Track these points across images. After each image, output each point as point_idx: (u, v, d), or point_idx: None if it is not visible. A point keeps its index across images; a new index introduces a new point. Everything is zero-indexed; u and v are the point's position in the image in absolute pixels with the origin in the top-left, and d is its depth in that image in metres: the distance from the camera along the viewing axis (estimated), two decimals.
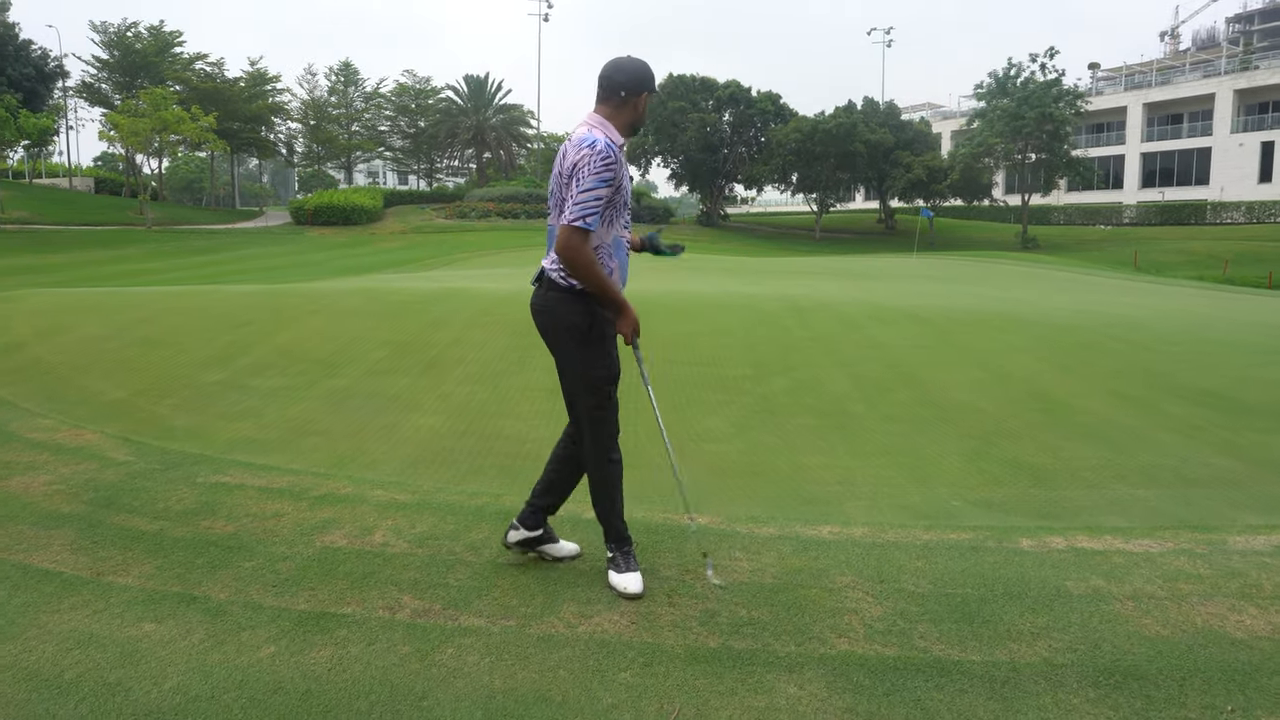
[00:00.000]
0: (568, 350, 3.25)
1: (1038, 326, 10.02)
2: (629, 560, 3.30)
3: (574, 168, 3.05)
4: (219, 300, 9.71)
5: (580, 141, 3.08)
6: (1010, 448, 5.40)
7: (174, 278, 27.77)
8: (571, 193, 3.04)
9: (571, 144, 3.12)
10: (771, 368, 7.41)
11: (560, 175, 3.13)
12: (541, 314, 3.26)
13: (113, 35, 58.43)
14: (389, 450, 5.18)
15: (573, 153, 3.07)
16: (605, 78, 3.23)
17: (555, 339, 3.26)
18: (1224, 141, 62.72)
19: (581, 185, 3.01)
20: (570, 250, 3.04)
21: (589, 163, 3.02)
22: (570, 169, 3.06)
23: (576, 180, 3.03)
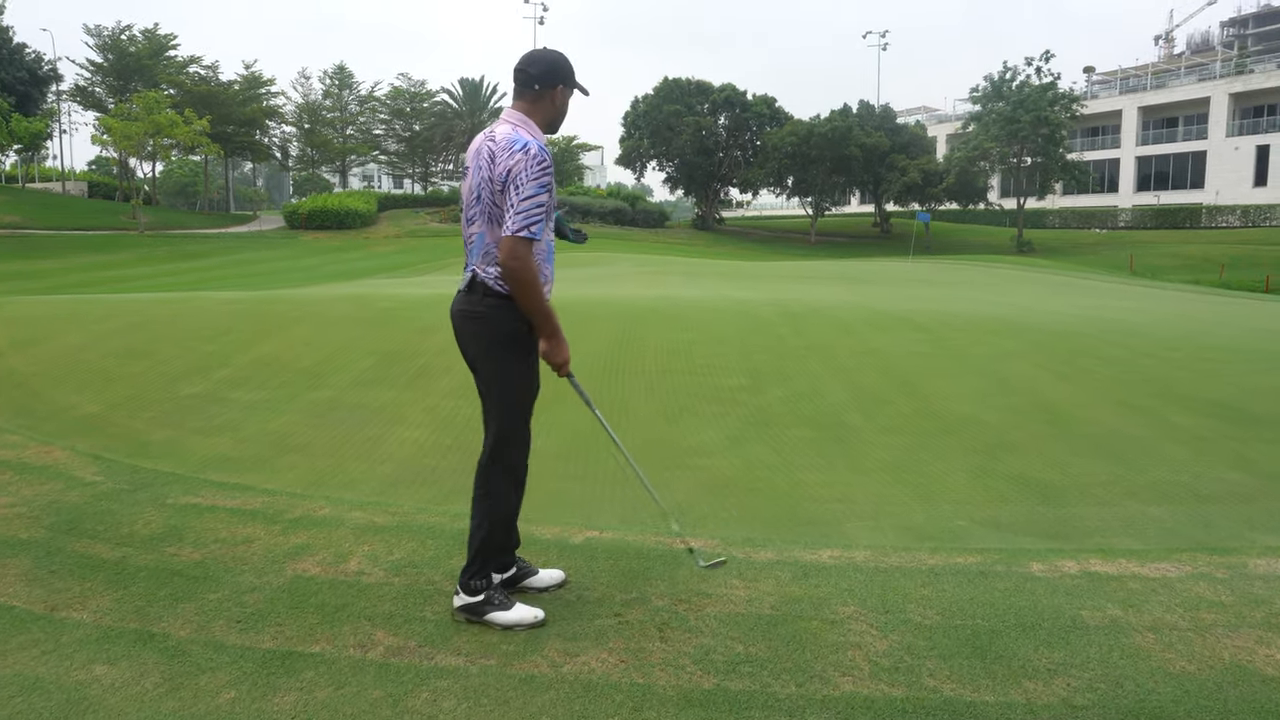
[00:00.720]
0: (499, 362, 3.05)
1: (1036, 332, 9.84)
2: (505, 595, 3.09)
3: (508, 174, 2.87)
4: (203, 308, 9.50)
5: (511, 144, 2.90)
6: (1016, 462, 5.21)
7: (164, 283, 27.54)
8: (511, 201, 2.85)
9: (499, 146, 2.92)
10: (767, 377, 7.22)
11: (490, 181, 2.92)
12: (471, 320, 3.04)
13: (107, 39, 58.18)
14: (370, 467, 4.98)
15: (504, 157, 2.89)
16: (520, 71, 3.05)
17: (485, 349, 3.05)
18: (1219, 145, 62.74)
19: (521, 194, 2.84)
20: (517, 261, 2.83)
21: (525, 168, 2.85)
22: (504, 175, 2.88)
23: (515, 188, 2.85)
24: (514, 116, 3.01)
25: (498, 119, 3.08)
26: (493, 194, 2.91)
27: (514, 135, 2.92)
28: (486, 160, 2.93)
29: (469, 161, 3.04)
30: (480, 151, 2.97)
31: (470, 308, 3.03)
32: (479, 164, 2.97)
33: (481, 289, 2.98)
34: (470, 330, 3.06)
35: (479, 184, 2.96)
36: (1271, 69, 63.34)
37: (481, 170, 2.95)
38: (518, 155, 2.85)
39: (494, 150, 2.92)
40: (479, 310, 3.00)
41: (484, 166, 2.94)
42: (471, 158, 3.02)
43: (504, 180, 2.87)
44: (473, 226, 3.03)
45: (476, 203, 2.98)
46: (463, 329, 3.09)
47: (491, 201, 2.92)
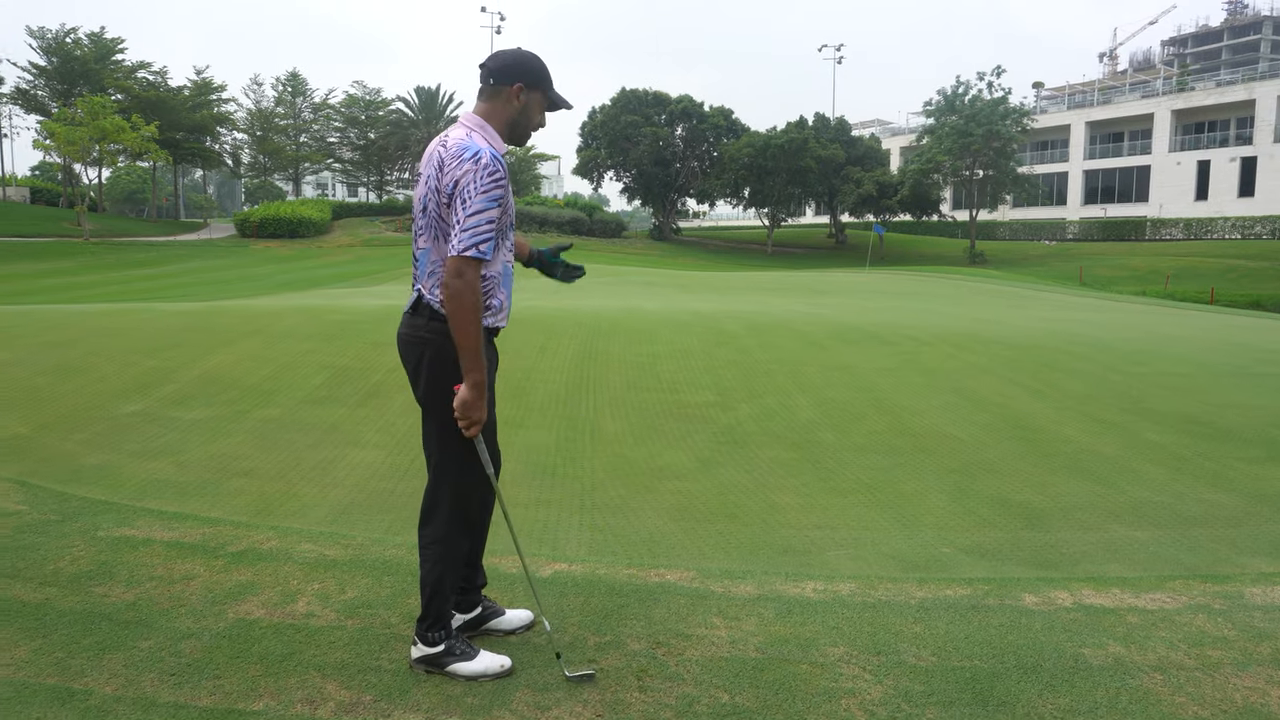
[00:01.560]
0: (440, 388, 2.70)
1: (1002, 346, 9.79)
2: (468, 644, 2.80)
3: (455, 185, 2.57)
4: (146, 320, 9.08)
5: (460, 151, 2.59)
6: (994, 483, 5.07)
7: (111, 292, 26.72)
8: (458, 217, 2.54)
9: (448, 152, 2.62)
10: (736, 394, 7.03)
11: (437, 191, 2.63)
12: (416, 345, 2.72)
13: (50, 41, 56.64)
14: (321, 493, 4.69)
15: (453, 165, 2.59)
16: (480, 66, 2.77)
17: (433, 375, 2.71)
18: (1162, 160, 64.25)
19: (469, 208, 2.53)
20: (461, 282, 2.52)
21: (474, 179, 2.54)
22: (450, 186, 2.58)
23: (461, 201, 2.55)
24: (470, 120, 2.73)
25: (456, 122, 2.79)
26: (439, 206, 2.63)
27: (466, 142, 2.62)
28: (435, 168, 2.65)
29: (422, 168, 2.76)
30: (431, 158, 2.68)
31: (414, 331, 2.73)
32: (431, 169, 2.67)
33: (427, 312, 2.69)
34: (414, 355, 2.74)
35: (425, 194, 2.68)
36: (1211, 87, 65.06)
37: (429, 180, 2.66)
38: (466, 165, 2.56)
39: (444, 157, 2.63)
40: (423, 335, 2.70)
41: (432, 175, 2.65)
42: (424, 164, 2.73)
43: (450, 192, 2.58)
44: (419, 241, 2.75)
45: (423, 214, 2.70)
46: (407, 354, 2.78)
47: (438, 215, 2.64)
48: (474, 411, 2.61)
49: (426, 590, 2.79)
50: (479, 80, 2.78)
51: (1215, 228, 56.74)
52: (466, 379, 2.59)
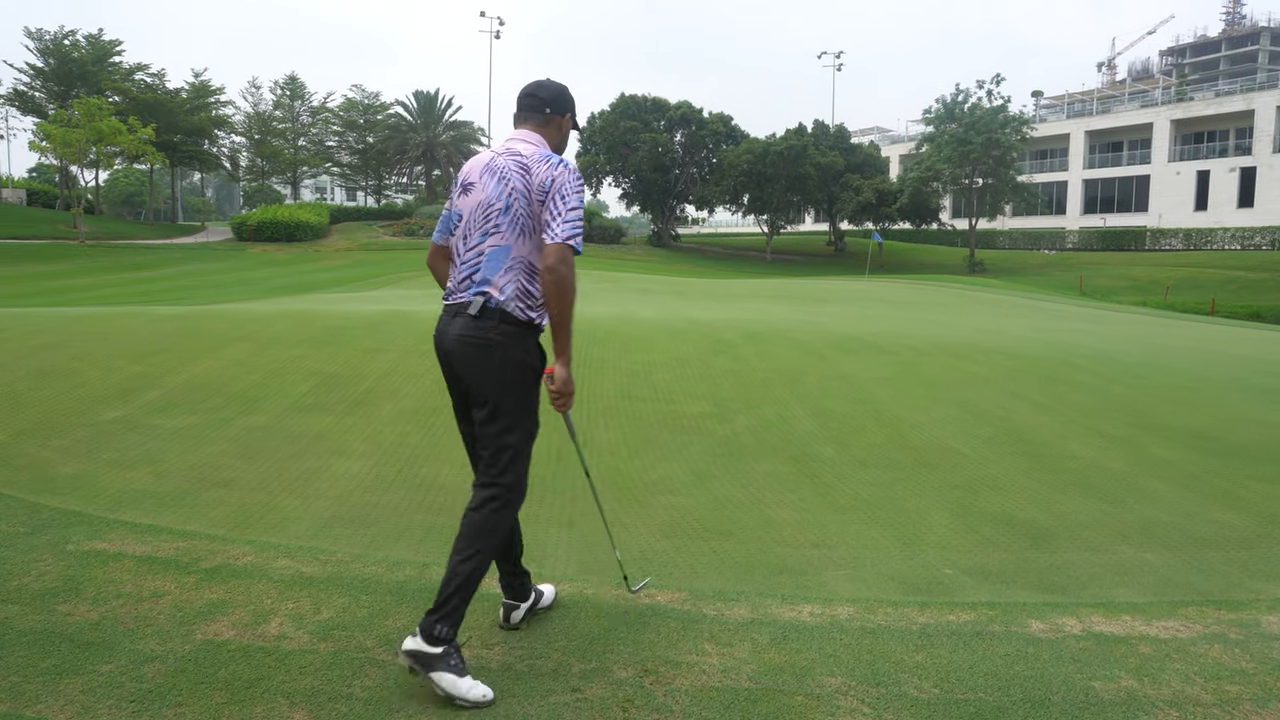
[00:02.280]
0: (514, 392, 2.81)
1: (1003, 357, 9.65)
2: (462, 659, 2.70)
3: (552, 183, 2.78)
4: (134, 324, 8.92)
5: (546, 157, 2.85)
6: (998, 500, 4.92)
7: (102, 295, 26.56)
8: (558, 210, 2.75)
9: (530, 160, 2.83)
10: (732, 404, 6.89)
11: (527, 191, 2.80)
12: (482, 348, 2.77)
13: (48, 42, 56.55)
14: (303, 504, 4.53)
15: (543, 168, 2.80)
16: (529, 95, 3.00)
17: (499, 378, 2.79)
18: (1162, 169, 64.27)
19: (568, 203, 2.76)
20: (566, 267, 2.71)
21: (568, 180, 2.79)
22: (546, 184, 2.78)
23: (561, 197, 2.76)
24: (530, 137, 2.95)
25: (506, 140, 2.99)
26: (529, 204, 2.81)
27: (545, 151, 2.89)
28: (517, 172, 2.83)
29: (474, 177, 2.91)
30: (498, 168, 2.87)
31: (482, 334, 2.78)
32: (504, 177, 2.84)
33: (497, 314, 2.79)
34: (477, 358, 2.80)
35: (509, 194, 2.82)
36: (1210, 97, 65.13)
37: (510, 182, 2.83)
38: (559, 168, 2.81)
39: (525, 164, 2.84)
40: (494, 338, 2.78)
41: (513, 178, 2.83)
42: (480, 173, 2.90)
43: (546, 190, 2.78)
44: (488, 240, 2.85)
45: (504, 213, 2.83)
46: (471, 357, 2.81)
47: (527, 212, 2.82)
48: (570, 387, 2.86)
49: (459, 577, 2.71)
50: (522, 107, 3.00)
51: (1215, 238, 56.73)
52: (560, 356, 2.82)
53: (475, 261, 2.85)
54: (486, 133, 71.76)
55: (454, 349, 2.82)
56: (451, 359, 2.85)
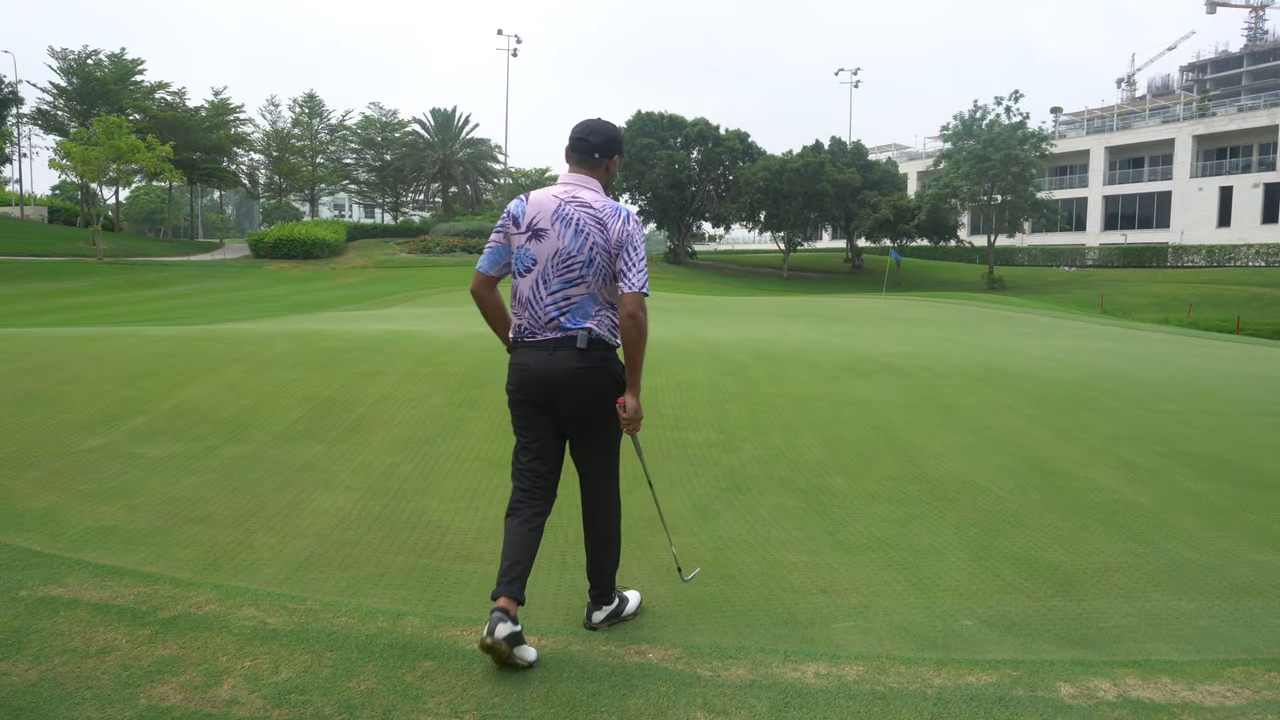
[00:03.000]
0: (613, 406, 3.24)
1: (1022, 380, 9.32)
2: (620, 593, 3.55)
3: (626, 238, 3.16)
4: (128, 346, 8.74)
5: (616, 211, 3.18)
6: (1019, 538, 4.61)
7: (117, 313, 26.59)
8: (631, 262, 3.14)
9: (603, 213, 3.17)
10: (739, 431, 6.60)
11: (606, 246, 3.16)
12: (589, 374, 3.17)
13: (72, 62, 57.22)
14: (280, 543, 4.28)
15: (616, 224, 3.16)
16: (580, 139, 3.26)
17: (603, 400, 3.22)
18: (1183, 186, 63.60)
19: (639, 254, 3.15)
20: (643, 312, 3.15)
21: (636, 231, 3.18)
22: (621, 239, 3.15)
23: (632, 249, 3.15)
24: (589, 183, 3.24)
25: (564, 183, 3.25)
26: (609, 258, 3.17)
27: (609, 202, 3.21)
28: (595, 227, 3.15)
29: (544, 223, 3.17)
30: (571, 219, 3.16)
31: (589, 364, 3.17)
32: (580, 229, 3.15)
33: (602, 346, 3.20)
34: (583, 384, 3.18)
35: (591, 248, 3.15)
36: (1233, 112, 64.50)
37: (590, 237, 3.14)
38: (630, 224, 3.17)
39: (600, 218, 3.16)
40: (598, 366, 3.19)
41: (592, 233, 3.14)
42: (551, 219, 3.17)
43: (620, 244, 3.15)
44: (577, 288, 3.18)
45: (588, 266, 3.16)
46: (575, 384, 3.18)
47: (607, 264, 3.17)
48: (639, 414, 3.25)
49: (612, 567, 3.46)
50: (574, 149, 3.28)
51: (1238, 255, 56.01)
52: (632, 389, 3.20)
53: (563, 305, 3.17)
54: (503, 150, 72.14)
55: (567, 382, 3.16)
56: (556, 388, 3.17)
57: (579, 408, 3.22)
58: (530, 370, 3.20)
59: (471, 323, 15.49)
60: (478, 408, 6.96)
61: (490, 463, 5.63)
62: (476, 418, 6.68)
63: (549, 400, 3.21)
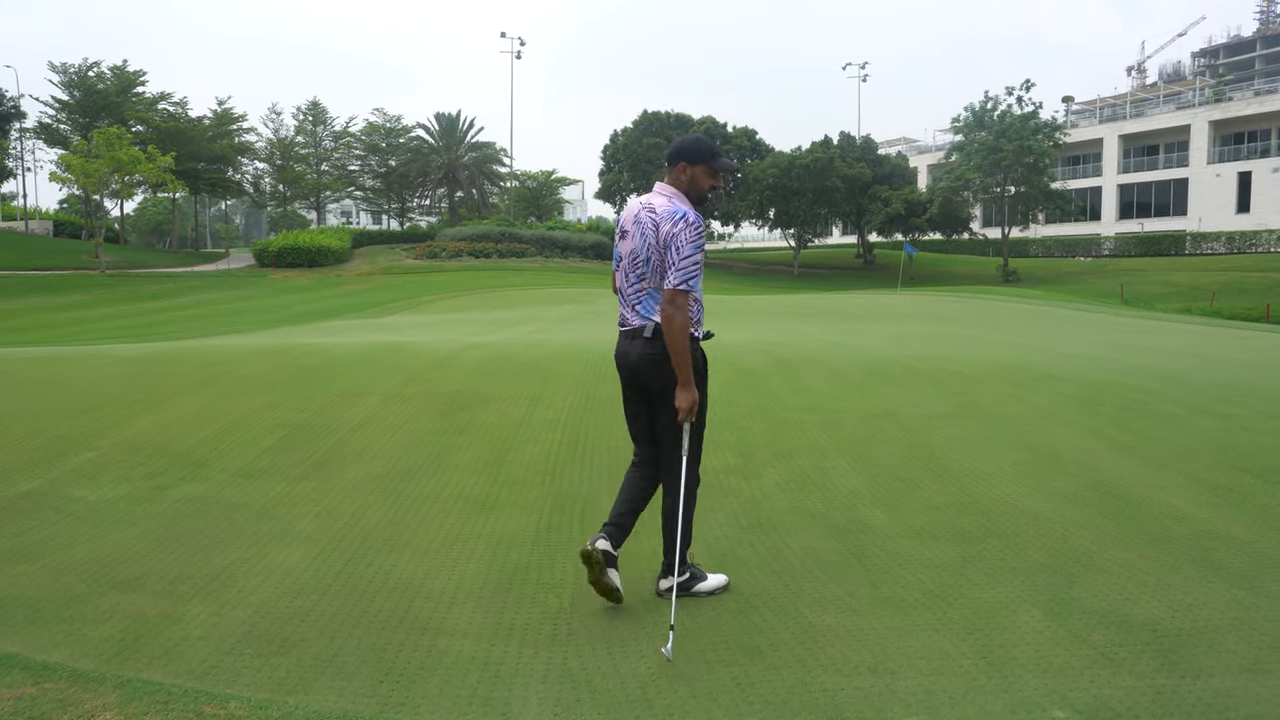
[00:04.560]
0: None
1: (1064, 383, 8.55)
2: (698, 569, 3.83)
3: (671, 239, 3.48)
4: (85, 369, 8.07)
5: (672, 214, 3.52)
6: (1101, 586, 3.86)
7: (115, 326, 26.05)
8: (673, 261, 3.47)
9: (660, 216, 3.54)
10: (760, 454, 5.88)
11: (658, 245, 3.53)
12: (656, 361, 3.57)
13: (73, 75, 56.87)
14: (214, 615, 3.57)
15: (667, 225, 3.50)
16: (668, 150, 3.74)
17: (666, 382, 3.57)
18: (1200, 172, 62.49)
19: (682, 254, 3.46)
20: (674, 308, 3.46)
21: (684, 233, 3.47)
22: (667, 239, 3.49)
23: (676, 249, 3.47)
24: (665, 190, 3.68)
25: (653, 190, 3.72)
26: (661, 256, 3.53)
27: (672, 207, 3.56)
28: (651, 229, 3.55)
29: (627, 225, 3.66)
30: (641, 220, 3.60)
31: (654, 351, 3.57)
32: (644, 230, 3.58)
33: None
34: (655, 372, 3.59)
35: (648, 247, 3.57)
36: (1250, 96, 63.32)
37: (648, 238, 3.56)
38: (680, 223, 3.48)
39: (656, 220, 3.54)
40: (663, 353, 3.53)
41: (649, 234, 3.56)
42: (631, 223, 3.65)
43: (666, 244, 3.49)
44: (643, 283, 3.62)
45: (646, 264, 3.59)
46: (649, 370, 3.61)
47: (660, 260, 3.54)
48: (686, 401, 3.52)
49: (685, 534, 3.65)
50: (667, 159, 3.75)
51: (1259, 241, 54.91)
52: (682, 381, 3.50)
53: (636, 298, 3.65)
54: (509, 153, 71.39)
55: (639, 365, 3.64)
56: (638, 373, 3.66)
57: (648, 387, 3.67)
58: (618, 355, 3.77)
59: (474, 330, 14.80)
60: (467, 433, 6.25)
61: (475, 504, 4.92)
62: (464, 446, 5.97)
63: (631, 380, 3.73)
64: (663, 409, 3.63)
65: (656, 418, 3.69)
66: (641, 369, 3.63)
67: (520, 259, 53.14)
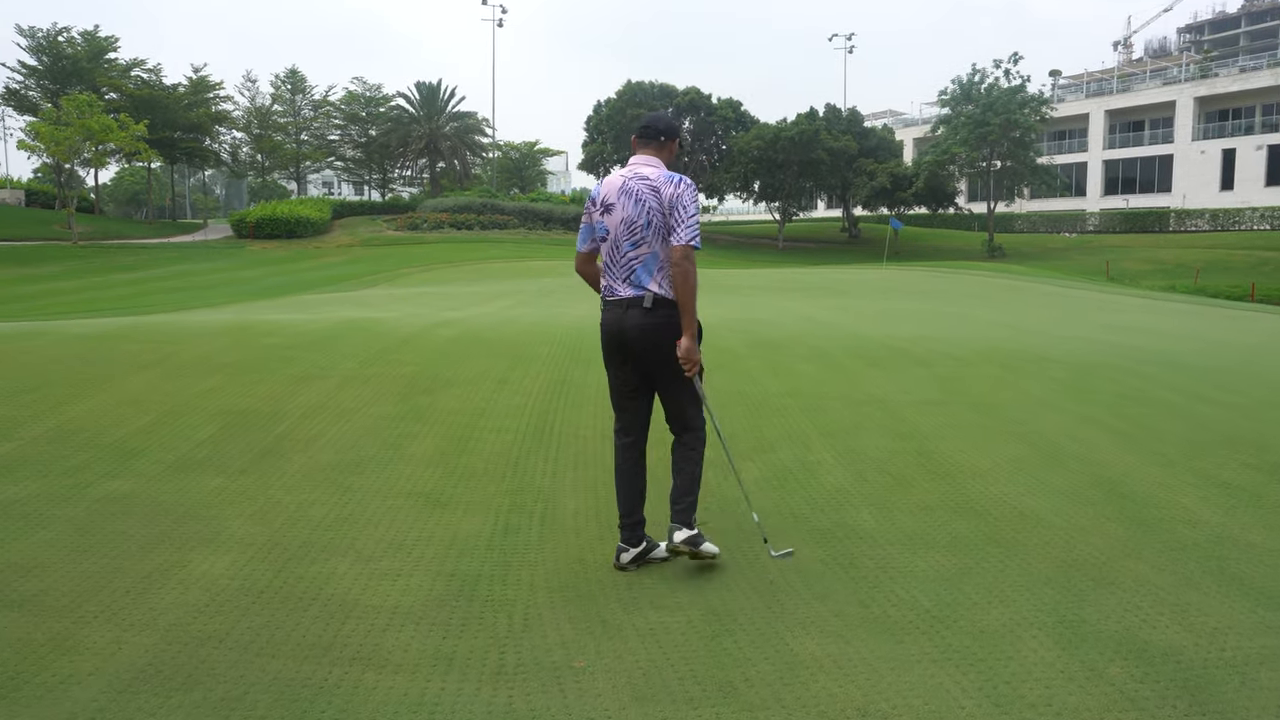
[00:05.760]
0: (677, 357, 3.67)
1: (1057, 366, 8.20)
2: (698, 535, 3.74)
3: (675, 199, 3.65)
4: (30, 347, 7.56)
5: (669, 178, 3.71)
6: (1113, 605, 3.48)
7: (86, 299, 25.39)
8: (680, 219, 3.63)
9: (657, 181, 3.70)
10: (739, 443, 5.47)
11: (660, 209, 3.66)
12: (655, 330, 3.64)
13: (41, 40, 55.36)
14: (115, 641, 3.13)
15: (669, 188, 3.67)
16: (646, 127, 3.86)
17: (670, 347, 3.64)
18: (1185, 149, 62.29)
19: (688, 212, 3.64)
20: (689, 262, 3.62)
21: (686, 192, 3.68)
22: (672, 200, 3.65)
23: (682, 208, 3.64)
24: (651, 161, 3.80)
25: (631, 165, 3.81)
26: (664, 218, 3.67)
27: (666, 172, 3.76)
28: (649, 193, 3.68)
29: (612, 198, 3.73)
30: (632, 190, 3.70)
31: (660, 320, 3.64)
32: (639, 198, 3.68)
33: (662, 303, 3.65)
34: (651, 340, 3.66)
35: (648, 212, 3.67)
36: (1235, 73, 62.99)
37: (646, 203, 3.67)
38: (680, 186, 3.69)
39: (654, 185, 3.69)
40: (667, 321, 3.64)
41: (647, 198, 3.68)
42: (617, 194, 3.72)
43: (671, 204, 3.65)
44: (641, 249, 3.68)
45: (646, 228, 3.67)
46: (648, 339, 3.65)
47: (662, 224, 3.67)
48: (695, 354, 3.66)
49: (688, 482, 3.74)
50: (641, 136, 3.87)
51: (1243, 218, 54.82)
52: (687, 332, 3.63)
53: (631, 265, 3.67)
54: (491, 124, 70.34)
55: (635, 335, 3.65)
56: (632, 344, 3.67)
57: (646, 358, 3.70)
58: (607, 326, 3.77)
59: (447, 305, 14.32)
60: (425, 420, 5.82)
61: (427, 501, 4.49)
62: (421, 434, 5.54)
63: (624, 352, 3.73)
64: (669, 379, 3.71)
65: (662, 388, 3.77)
66: (641, 340, 3.66)
67: (502, 230, 52.43)
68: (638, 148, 3.86)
